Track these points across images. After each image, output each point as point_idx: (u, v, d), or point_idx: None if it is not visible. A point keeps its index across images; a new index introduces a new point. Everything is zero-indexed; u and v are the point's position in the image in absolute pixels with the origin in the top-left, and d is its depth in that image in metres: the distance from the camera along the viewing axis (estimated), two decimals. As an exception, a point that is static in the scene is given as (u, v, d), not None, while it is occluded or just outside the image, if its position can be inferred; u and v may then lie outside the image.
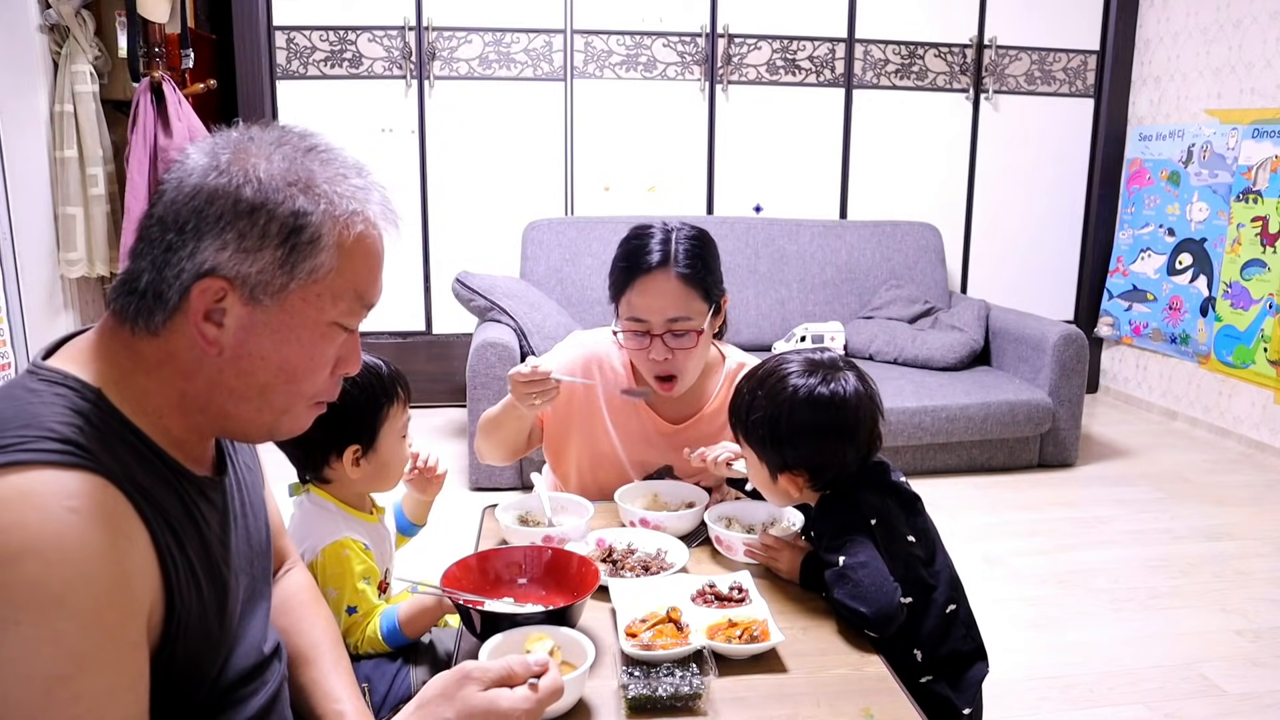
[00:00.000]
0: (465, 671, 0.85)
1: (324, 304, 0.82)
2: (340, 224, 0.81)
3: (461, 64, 4.07)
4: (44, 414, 0.74)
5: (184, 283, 0.78)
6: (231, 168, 0.79)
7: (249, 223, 0.78)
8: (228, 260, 0.78)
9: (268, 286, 0.79)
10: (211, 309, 0.79)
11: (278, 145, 0.81)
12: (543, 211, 4.15)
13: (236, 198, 0.78)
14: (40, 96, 3.37)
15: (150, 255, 0.79)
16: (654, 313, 1.55)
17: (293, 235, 0.79)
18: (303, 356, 0.84)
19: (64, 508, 0.69)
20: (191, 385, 0.82)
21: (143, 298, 0.79)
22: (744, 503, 1.59)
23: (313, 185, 0.80)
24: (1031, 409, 3.48)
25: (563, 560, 1.28)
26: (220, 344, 0.80)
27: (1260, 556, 2.84)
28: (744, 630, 1.16)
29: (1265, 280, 3.69)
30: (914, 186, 4.45)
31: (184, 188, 0.79)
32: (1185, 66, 4.19)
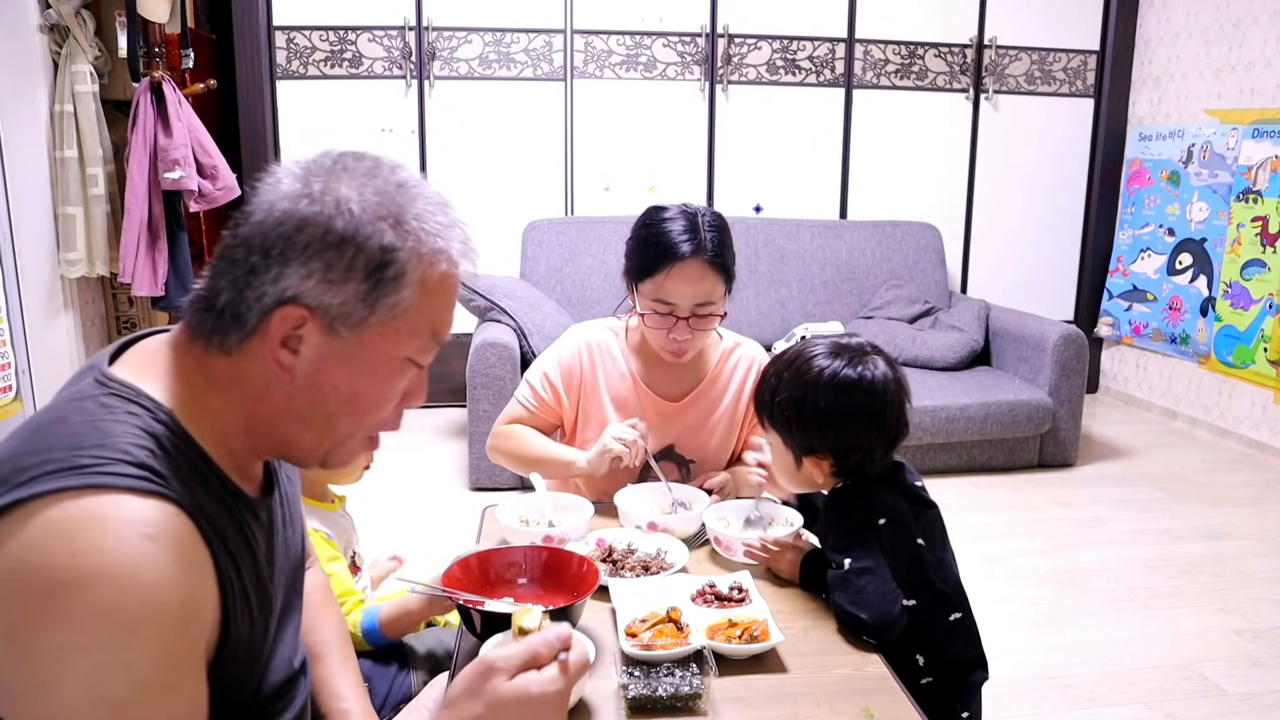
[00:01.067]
0: (489, 663, 0.81)
1: (400, 339, 0.82)
2: (425, 261, 0.80)
3: (461, 64, 4.07)
4: (118, 434, 0.73)
5: (264, 307, 0.77)
6: (324, 197, 0.78)
7: (337, 254, 0.77)
8: (311, 289, 0.77)
9: (348, 319, 0.79)
10: (289, 336, 0.78)
11: (370, 177, 0.80)
12: (543, 211, 4.15)
13: (327, 228, 0.77)
14: (40, 96, 3.37)
15: (231, 275, 0.78)
16: (684, 297, 1.60)
17: (379, 270, 0.78)
18: (374, 390, 0.84)
19: (140, 535, 0.69)
20: (260, 408, 0.82)
21: (220, 317, 0.79)
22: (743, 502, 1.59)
23: (402, 221, 0.79)
24: (1031, 409, 3.48)
25: (563, 560, 1.28)
26: (294, 371, 0.80)
27: (1260, 556, 2.84)
28: (744, 630, 1.16)
29: (1265, 280, 3.69)
30: (914, 186, 4.45)
31: (273, 211, 0.78)
32: (1185, 66, 4.19)
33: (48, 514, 0.67)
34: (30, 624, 0.66)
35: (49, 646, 0.66)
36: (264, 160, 3.94)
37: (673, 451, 1.76)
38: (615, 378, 1.75)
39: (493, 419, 3.16)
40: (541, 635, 0.84)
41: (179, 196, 3.36)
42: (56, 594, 0.66)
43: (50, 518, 0.67)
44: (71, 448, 0.71)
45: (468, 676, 0.81)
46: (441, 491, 3.31)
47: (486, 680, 0.80)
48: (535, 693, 0.80)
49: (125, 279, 3.29)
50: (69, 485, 0.68)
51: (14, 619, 0.66)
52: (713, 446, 1.78)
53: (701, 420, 1.76)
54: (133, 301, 3.81)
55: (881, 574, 1.24)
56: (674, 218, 1.62)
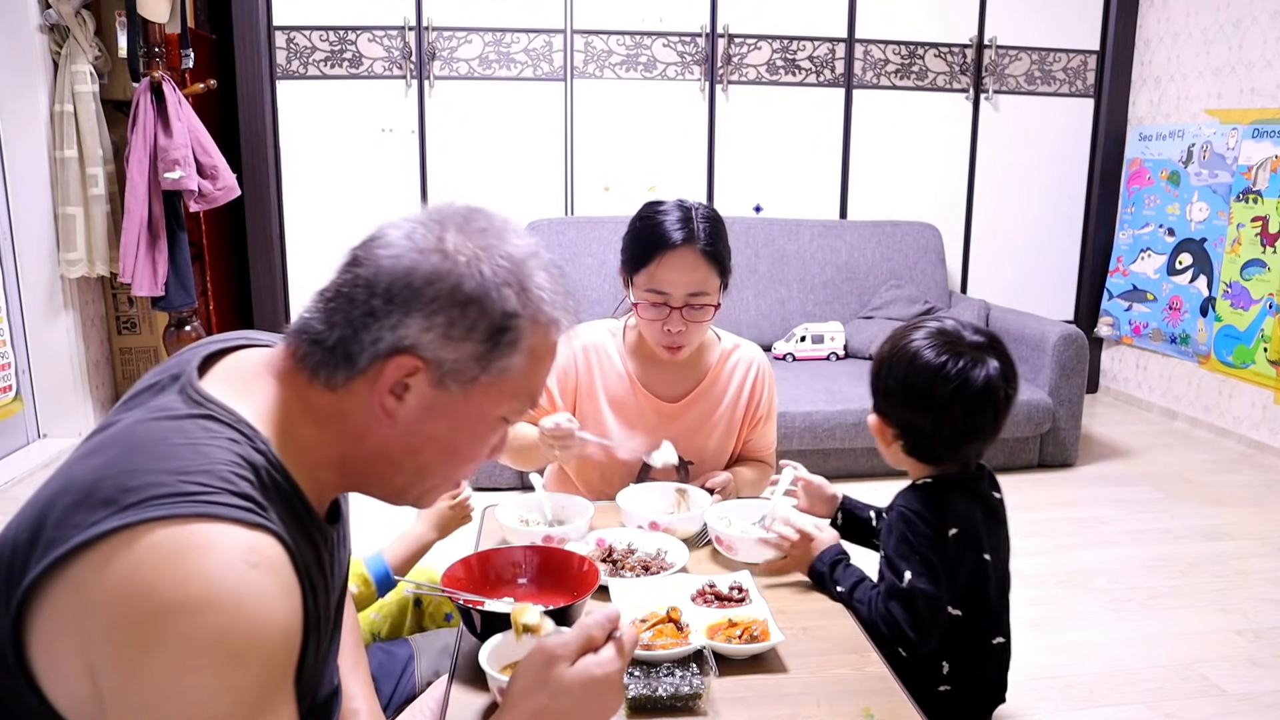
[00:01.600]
0: (549, 653, 0.83)
1: (502, 400, 0.84)
2: (540, 330, 0.82)
3: (461, 64, 4.07)
4: (220, 461, 0.73)
5: (379, 351, 0.78)
6: (457, 255, 0.79)
7: (461, 313, 0.78)
8: (429, 342, 0.78)
9: (459, 375, 0.80)
10: (398, 383, 0.79)
11: (500, 240, 0.81)
12: (543, 211, 4.15)
13: (457, 286, 0.78)
14: (40, 96, 3.37)
15: (347, 314, 0.79)
16: (676, 286, 1.60)
17: (498, 334, 0.80)
18: (470, 444, 0.86)
19: (246, 562, 0.69)
20: (356, 448, 0.83)
21: (330, 352, 0.79)
22: (743, 502, 1.59)
23: (527, 289, 0.81)
24: (1031, 409, 3.48)
25: (563, 560, 1.28)
26: (396, 417, 0.81)
27: (1260, 556, 2.84)
28: (744, 630, 1.17)
29: (1265, 280, 3.69)
30: (914, 186, 4.45)
31: (402, 260, 0.78)
32: (1185, 66, 4.19)
33: (154, 537, 0.67)
34: (139, 647, 0.66)
35: (158, 670, 0.66)
36: (264, 160, 3.94)
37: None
38: (613, 379, 1.75)
39: (493, 419, 3.17)
40: (593, 618, 0.86)
41: (179, 196, 3.36)
42: (166, 618, 0.66)
43: (158, 541, 0.67)
44: (176, 472, 0.71)
45: (530, 670, 0.83)
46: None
47: (550, 669, 0.82)
48: (599, 675, 0.83)
49: (125, 279, 3.29)
50: (176, 513, 0.68)
51: (121, 641, 0.66)
52: (711, 447, 1.78)
53: (700, 421, 1.76)
54: (133, 301, 3.81)
55: (940, 599, 1.25)
56: (668, 210, 1.63)
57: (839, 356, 3.91)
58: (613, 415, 1.74)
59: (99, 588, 0.67)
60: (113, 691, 0.67)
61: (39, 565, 0.68)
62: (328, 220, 4.08)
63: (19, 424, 3.51)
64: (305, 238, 4.09)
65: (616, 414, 1.74)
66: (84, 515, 0.68)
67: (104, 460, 0.73)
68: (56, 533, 0.69)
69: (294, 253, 4.10)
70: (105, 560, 0.67)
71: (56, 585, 0.68)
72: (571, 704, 0.82)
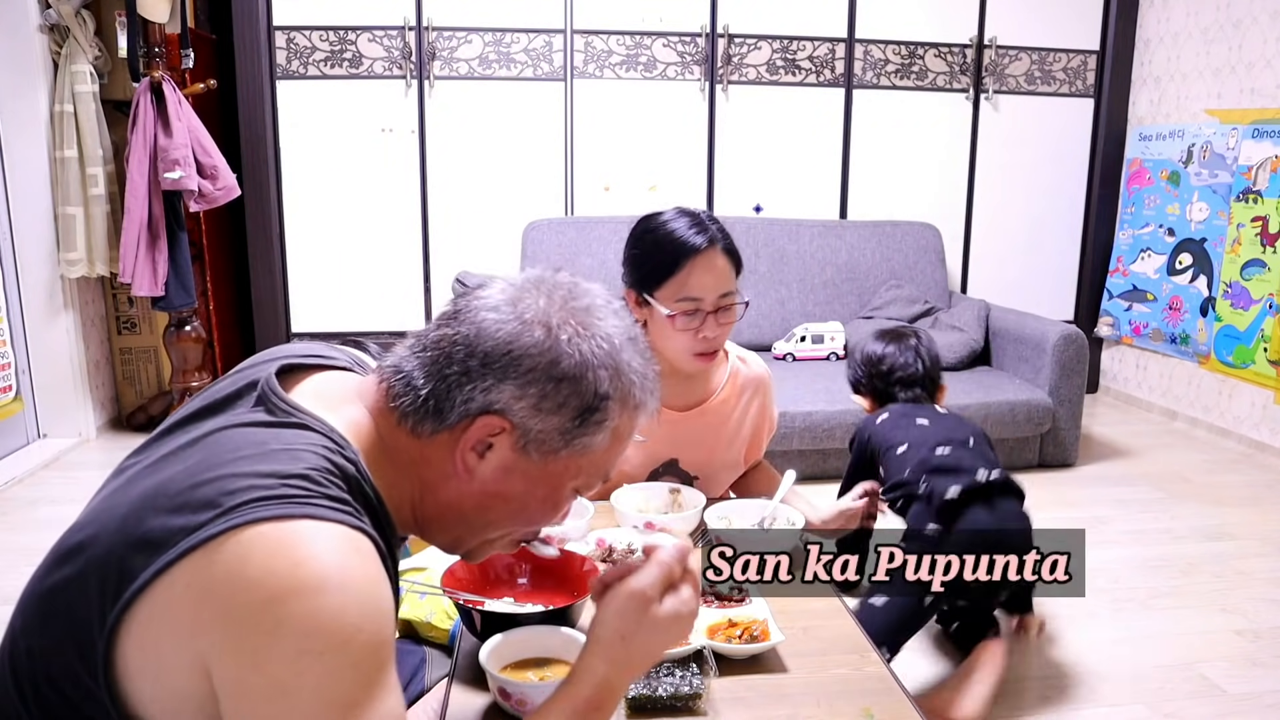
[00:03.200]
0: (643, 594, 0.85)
1: (579, 474, 0.86)
2: (627, 412, 0.85)
3: (461, 64, 4.07)
4: (316, 466, 0.76)
5: (469, 410, 0.80)
6: (559, 332, 0.81)
7: (555, 388, 0.80)
8: (520, 409, 0.80)
9: (542, 445, 0.82)
10: (482, 441, 0.82)
11: (600, 320, 0.83)
12: (543, 211, 4.15)
13: (555, 361, 0.80)
14: (40, 96, 3.37)
15: (443, 369, 0.81)
16: (709, 290, 1.57)
17: (588, 413, 0.82)
18: (540, 509, 0.88)
19: (350, 548, 0.72)
20: (430, 497, 0.85)
21: (421, 402, 0.81)
22: (743, 502, 1.59)
23: (621, 373, 0.83)
24: (1031, 409, 3.48)
25: (563, 560, 1.28)
26: (475, 473, 0.83)
27: (1260, 556, 2.84)
28: (744, 630, 1.17)
29: (1265, 280, 3.69)
30: (914, 186, 4.45)
31: (505, 326, 0.80)
32: (1185, 66, 4.19)
33: (259, 531, 0.69)
34: (259, 633, 0.68)
35: (282, 653, 0.68)
36: (264, 160, 3.94)
37: (676, 466, 1.73)
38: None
39: (493, 419, 3.17)
40: (667, 552, 0.88)
41: (179, 196, 3.36)
42: (282, 602, 0.68)
43: (263, 533, 0.69)
44: (277, 476, 0.73)
45: (621, 612, 0.85)
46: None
47: (644, 611, 0.85)
48: (685, 613, 0.87)
49: (125, 279, 3.29)
50: (281, 514, 0.70)
51: (240, 630, 0.68)
52: (718, 461, 1.76)
53: (708, 433, 1.73)
54: (133, 301, 3.81)
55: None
56: (674, 218, 1.61)
57: (839, 356, 3.91)
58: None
59: (211, 582, 0.68)
60: (233, 681, 0.69)
61: (148, 569, 0.70)
62: (328, 220, 4.08)
63: (19, 424, 3.52)
64: (305, 238, 4.09)
65: None
66: (187, 519, 0.70)
67: (195, 464, 0.75)
68: (162, 537, 0.70)
69: (294, 253, 4.10)
70: (211, 558, 0.69)
71: (161, 587, 0.70)
72: (659, 640, 0.86)
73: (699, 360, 1.62)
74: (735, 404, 1.76)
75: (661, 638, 0.86)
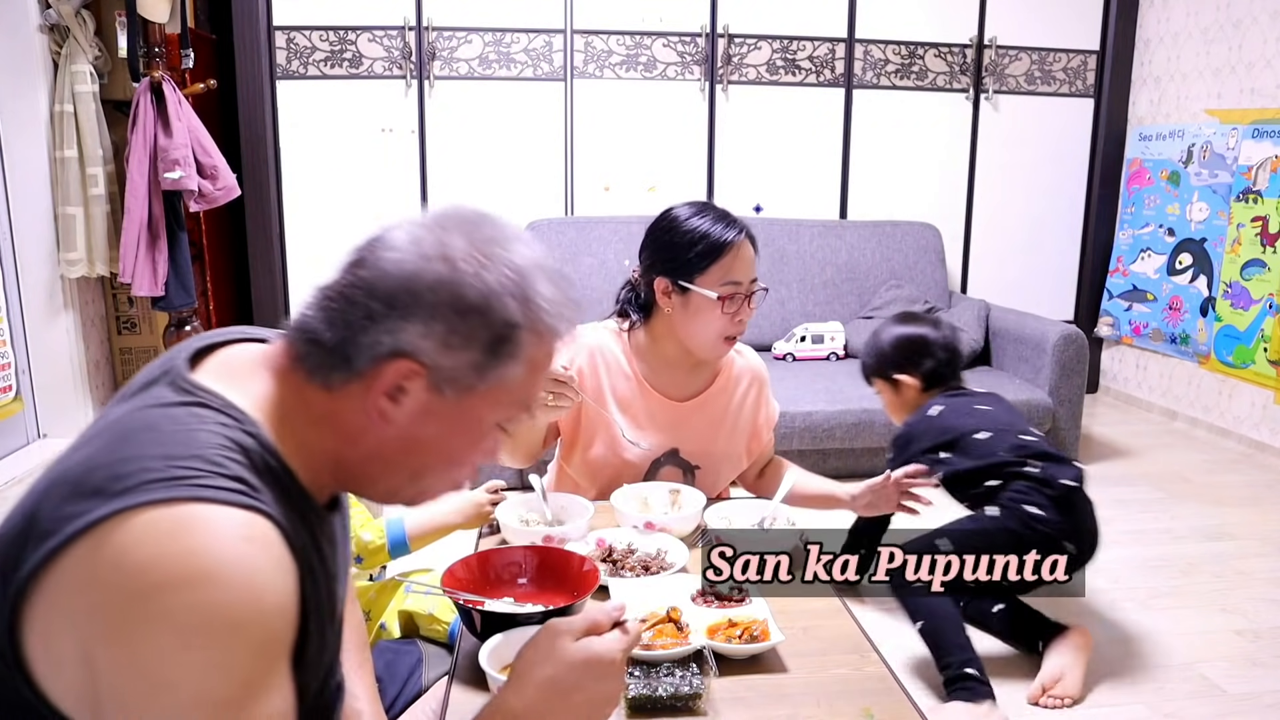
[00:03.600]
0: (554, 630, 0.87)
1: (499, 408, 0.84)
2: (541, 341, 0.82)
3: (461, 64, 4.07)
4: (211, 445, 0.73)
5: (377, 354, 0.78)
6: (462, 263, 0.78)
7: (461, 321, 0.78)
8: (428, 348, 0.78)
9: (457, 383, 0.80)
10: (395, 386, 0.79)
11: (504, 249, 0.81)
12: (543, 211, 4.15)
13: (458, 294, 0.78)
14: (40, 96, 3.37)
15: (346, 315, 0.79)
16: (747, 275, 1.69)
17: (498, 344, 0.79)
18: (464, 450, 0.86)
19: (235, 536, 0.70)
20: (350, 450, 0.83)
21: (327, 353, 0.79)
22: (743, 502, 1.59)
23: (530, 300, 0.80)
24: (1031, 409, 3.48)
25: (563, 560, 1.28)
26: (391, 419, 0.81)
27: (1260, 556, 2.84)
28: (744, 630, 1.17)
29: (1265, 280, 3.69)
30: (914, 186, 4.45)
31: (404, 264, 0.78)
32: (1185, 66, 4.19)
33: (147, 517, 0.67)
34: (135, 624, 0.66)
35: (155, 647, 0.66)
36: (264, 160, 3.94)
37: (677, 456, 1.75)
38: (619, 379, 1.74)
39: (493, 419, 3.17)
40: (599, 606, 0.90)
41: (179, 196, 3.36)
42: (161, 593, 0.66)
43: (150, 520, 0.67)
44: (167, 458, 0.71)
45: (535, 645, 0.87)
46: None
47: (554, 641, 0.85)
48: (601, 651, 0.85)
49: (125, 279, 3.29)
50: (167, 496, 0.68)
51: (116, 619, 0.66)
52: (717, 452, 1.77)
53: (709, 423, 1.76)
54: (133, 301, 3.81)
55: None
56: (700, 211, 1.70)
57: (839, 356, 3.91)
58: (621, 413, 1.73)
59: (93, 570, 0.67)
60: (109, 671, 0.67)
61: (33, 558, 0.68)
62: (328, 220, 4.08)
63: (19, 424, 3.51)
64: (305, 238, 4.09)
65: (625, 414, 1.73)
66: (76, 505, 0.68)
67: (93, 451, 0.73)
68: (50, 525, 0.69)
69: (294, 253, 4.10)
70: (98, 544, 0.67)
71: (51, 576, 0.68)
72: (576, 678, 0.84)
73: (727, 345, 1.69)
74: (733, 394, 1.78)
75: (578, 676, 0.84)
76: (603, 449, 1.72)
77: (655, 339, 1.73)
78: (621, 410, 1.74)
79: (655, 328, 1.72)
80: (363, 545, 1.47)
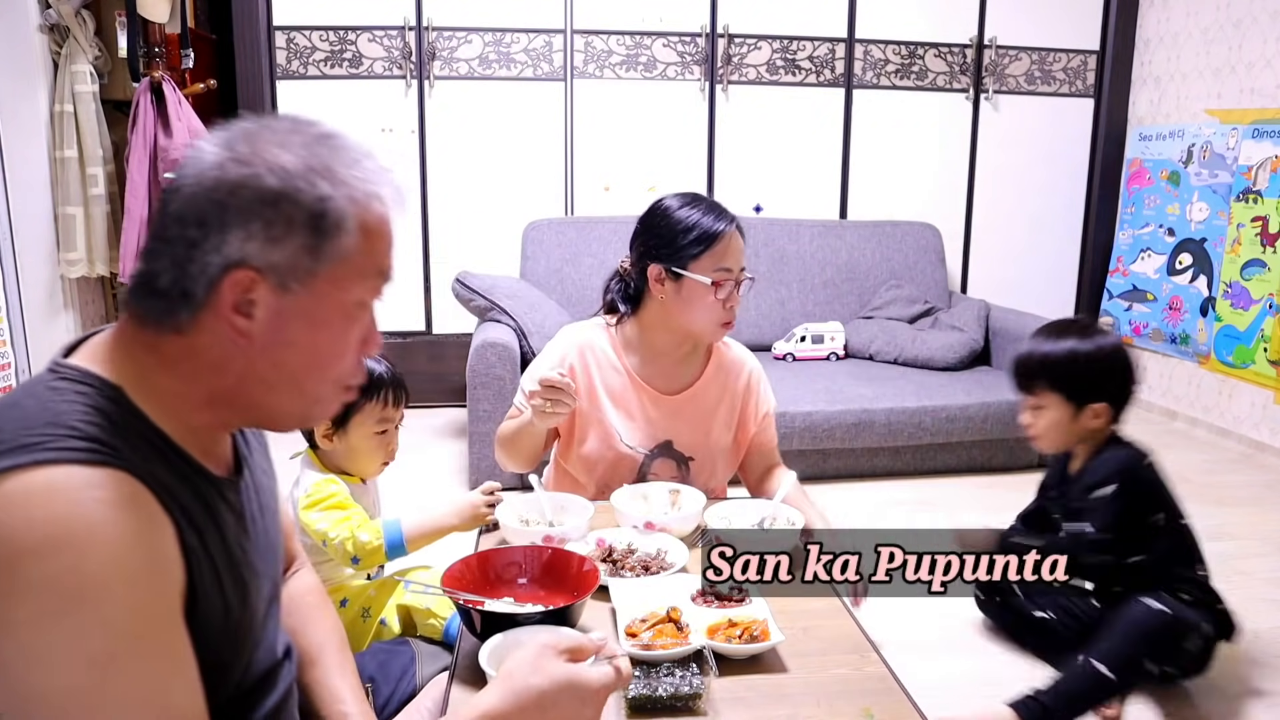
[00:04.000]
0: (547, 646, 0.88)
1: (350, 285, 0.83)
2: (361, 206, 0.82)
3: (461, 64, 4.07)
4: (66, 412, 0.74)
5: (211, 276, 0.78)
6: (252, 158, 0.78)
7: (274, 211, 0.78)
8: (255, 250, 0.78)
9: (296, 273, 0.79)
10: (241, 301, 0.79)
11: (294, 134, 0.81)
12: (543, 211, 4.15)
13: (260, 187, 0.77)
14: (40, 96, 3.37)
15: (170, 254, 0.79)
16: (737, 263, 1.70)
17: (318, 220, 0.79)
18: (333, 340, 0.85)
19: (92, 498, 0.70)
20: (221, 380, 0.82)
21: (166, 297, 0.79)
22: (743, 502, 1.60)
23: (332, 170, 0.80)
24: (1031, 409, 3.48)
25: (563, 560, 1.28)
26: (251, 335, 0.80)
27: (1260, 556, 2.84)
28: (744, 630, 1.17)
29: (1265, 280, 3.69)
30: (914, 186, 4.45)
31: (203, 182, 0.78)
32: (1185, 66, 4.19)
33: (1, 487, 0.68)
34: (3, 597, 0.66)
35: (23, 617, 0.66)
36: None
37: (671, 448, 1.76)
38: (610, 375, 1.76)
39: (493, 419, 3.17)
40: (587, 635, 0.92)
41: (179, 196, 3.35)
42: (20, 564, 0.66)
43: (4, 489, 0.68)
44: (20, 428, 0.71)
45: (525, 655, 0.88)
46: (442, 491, 3.31)
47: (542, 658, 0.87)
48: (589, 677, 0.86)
49: (125, 279, 3.29)
50: (17, 463, 0.69)
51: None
52: (711, 442, 1.79)
53: (700, 415, 1.77)
54: (133, 301, 3.81)
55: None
56: (692, 201, 1.72)
57: (839, 356, 3.91)
58: (614, 409, 1.75)
59: None
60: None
61: None
62: (328, 220, 4.08)
63: None
64: (305, 238, 4.09)
65: (617, 408, 1.75)
66: None
67: None
68: None
69: (294, 253, 4.10)
70: None
71: None
72: (557, 696, 0.85)
73: (724, 329, 1.72)
74: (723, 382, 1.80)
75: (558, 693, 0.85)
76: (597, 444, 1.74)
77: (645, 330, 1.75)
78: (614, 404, 1.75)
79: (645, 318, 1.74)
80: (360, 546, 1.47)
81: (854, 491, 3.35)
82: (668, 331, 1.73)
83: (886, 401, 3.40)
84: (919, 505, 3.21)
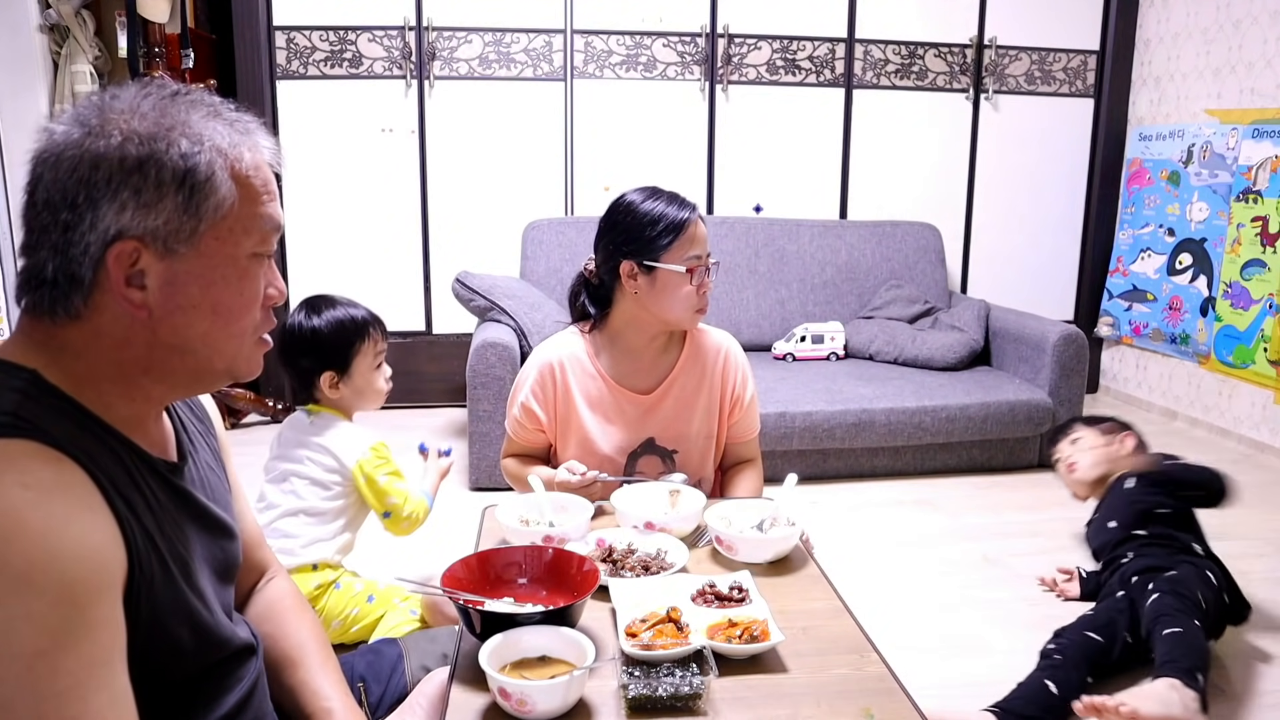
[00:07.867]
0: None
1: (237, 238, 0.82)
2: (229, 156, 0.81)
3: (461, 64, 4.07)
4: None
5: (94, 255, 0.77)
6: (106, 128, 0.77)
7: (140, 177, 0.77)
8: (131, 220, 0.77)
9: (178, 234, 0.79)
10: (130, 273, 0.78)
11: (144, 97, 0.80)
12: (543, 211, 4.15)
13: (121, 155, 0.77)
14: (40, 96, 3.37)
15: (48, 243, 0.78)
16: (704, 249, 1.73)
17: (187, 177, 0.78)
18: (232, 294, 0.84)
19: (17, 485, 0.68)
20: (127, 354, 0.81)
21: (55, 286, 0.78)
22: (744, 502, 1.59)
23: (190, 126, 0.79)
24: (1031, 409, 3.48)
25: (563, 560, 1.28)
26: (149, 305, 0.79)
27: (1260, 556, 2.84)
28: (744, 630, 1.16)
29: (1265, 280, 3.69)
30: (914, 187, 4.45)
31: (62, 163, 0.77)
32: (1185, 66, 4.19)
33: None
34: None
35: None
36: (264, 160, 3.93)
37: (654, 444, 1.79)
38: (586, 381, 1.79)
39: (493, 419, 3.17)
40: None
41: (179, 196, 3.36)
42: None
43: None
44: None
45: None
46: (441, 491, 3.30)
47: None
48: None
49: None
50: None
51: None
52: (693, 434, 1.81)
53: (678, 408, 1.79)
54: (133, 301, 3.81)
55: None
56: (653, 195, 1.73)
57: (839, 356, 3.92)
58: (591, 416, 1.78)
59: None
60: None
61: None
62: (328, 220, 4.08)
63: None
64: (305, 238, 4.09)
65: (595, 413, 1.78)
66: None
67: None
68: None
69: (294, 252, 4.10)
70: None
71: None
72: None
73: (698, 316, 1.75)
74: (699, 371, 1.81)
75: None
76: (576, 449, 1.78)
77: (617, 331, 1.77)
78: (592, 412, 1.78)
79: (616, 319, 1.77)
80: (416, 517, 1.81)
81: (854, 491, 3.35)
82: (642, 326, 1.75)
83: (886, 401, 3.40)
84: (919, 505, 3.21)
